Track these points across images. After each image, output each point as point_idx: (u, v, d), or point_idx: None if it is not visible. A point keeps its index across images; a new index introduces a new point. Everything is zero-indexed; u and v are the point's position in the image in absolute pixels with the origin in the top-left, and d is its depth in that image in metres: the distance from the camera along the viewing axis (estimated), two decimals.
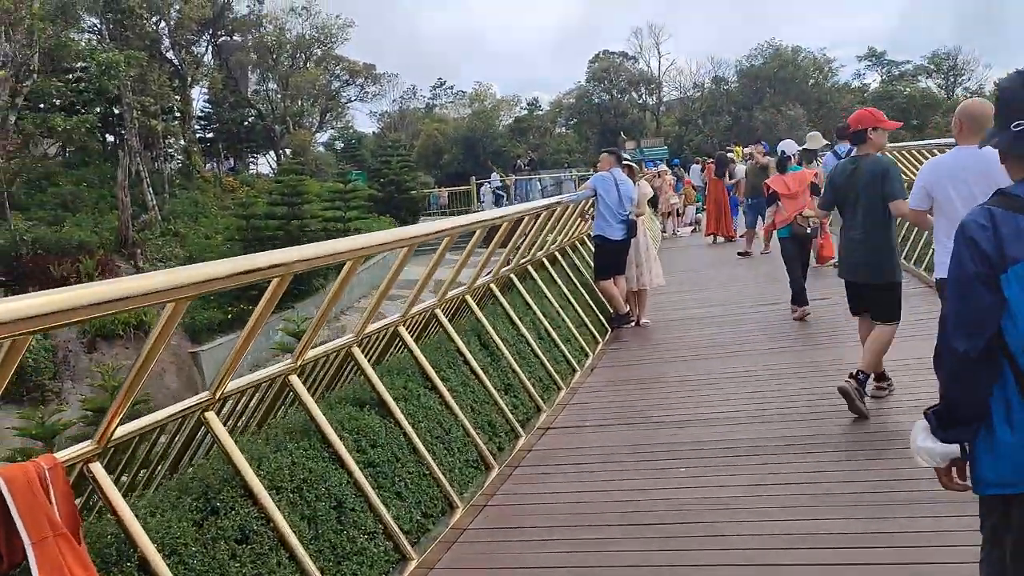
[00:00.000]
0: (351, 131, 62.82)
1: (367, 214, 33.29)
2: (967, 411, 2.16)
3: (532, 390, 6.75)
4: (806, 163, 10.56)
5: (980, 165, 4.12)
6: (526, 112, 62.81)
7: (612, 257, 9.52)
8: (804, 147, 11.40)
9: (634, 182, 9.82)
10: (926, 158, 9.98)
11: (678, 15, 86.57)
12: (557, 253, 9.85)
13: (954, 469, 2.27)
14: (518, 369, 6.73)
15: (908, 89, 54.23)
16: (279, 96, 42.98)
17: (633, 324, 9.77)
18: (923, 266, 9.91)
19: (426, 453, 4.85)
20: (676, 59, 69.99)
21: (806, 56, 54.11)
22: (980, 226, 2.09)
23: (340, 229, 29.60)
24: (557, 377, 7.38)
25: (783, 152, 10.20)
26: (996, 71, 57.59)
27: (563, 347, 7.94)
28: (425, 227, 5.70)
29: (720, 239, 17.27)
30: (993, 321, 2.07)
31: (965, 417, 2.16)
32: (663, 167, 23.81)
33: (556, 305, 8.52)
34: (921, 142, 16.27)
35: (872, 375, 5.73)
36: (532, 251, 8.78)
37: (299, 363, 4.44)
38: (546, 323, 7.94)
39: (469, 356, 6.10)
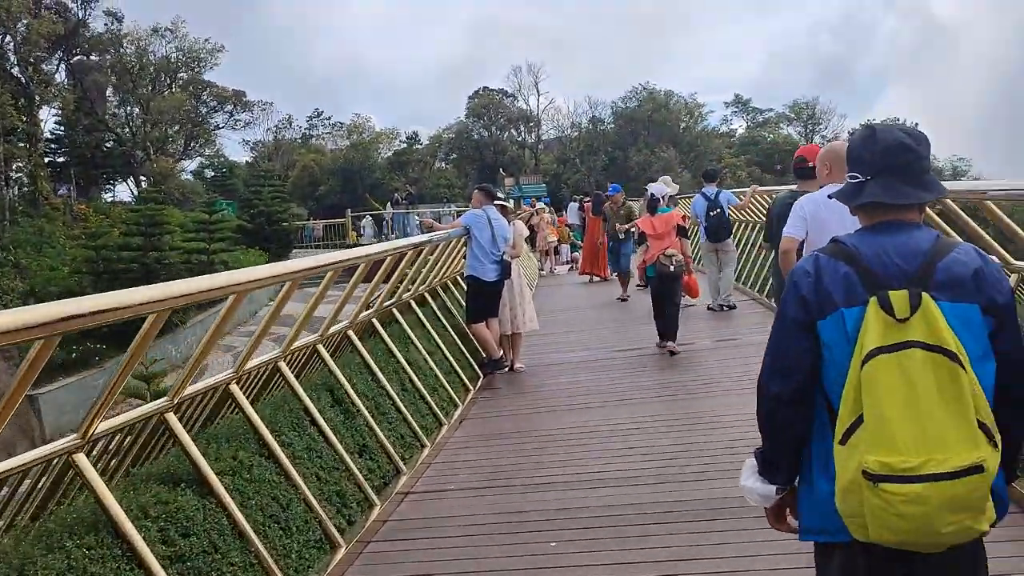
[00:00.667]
0: (222, 159, 60.53)
1: (234, 246, 31.72)
2: (780, 454, 2.23)
3: (391, 450, 6.07)
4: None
5: (839, 207, 4.03)
6: (405, 146, 62.30)
7: (485, 299, 9.02)
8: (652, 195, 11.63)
9: (508, 221, 9.39)
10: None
11: (558, 55, 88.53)
12: (427, 294, 9.25)
13: (788, 510, 2.33)
14: (376, 427, 6.04)
15: (771, 135, 57.15)
16: (140, 120, 40.63)
17: (507, 369, 9.27)
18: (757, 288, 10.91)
19: (255, 537, 4.09)
20: (555, 98, 71.64)
21: (678, 100, 56.30)
22: (804, 272, 2.16)
23: (203, 262, 28.01)
24: (421, 433, 6.73)
25: (652, 194, 10.17)
26: (851, 121, 61.68)
27: (429, 398, 7.31)
28: (307, 261, 5.46)
29: (596, 278, 17.13)
30: (806, 364, 2.12)
31: (778, 460, 2.24)
32: (540, 205, 23.69)
33: (423, 351, 7.90)
34: (789, 186, 16.84)
35: None
36: (398, 294, 8.15)
37: (176, 400, 4.16)
38: (411, 372, 7.30)
39: (317, 415, 5.36)
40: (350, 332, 6.86)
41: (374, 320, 7.47)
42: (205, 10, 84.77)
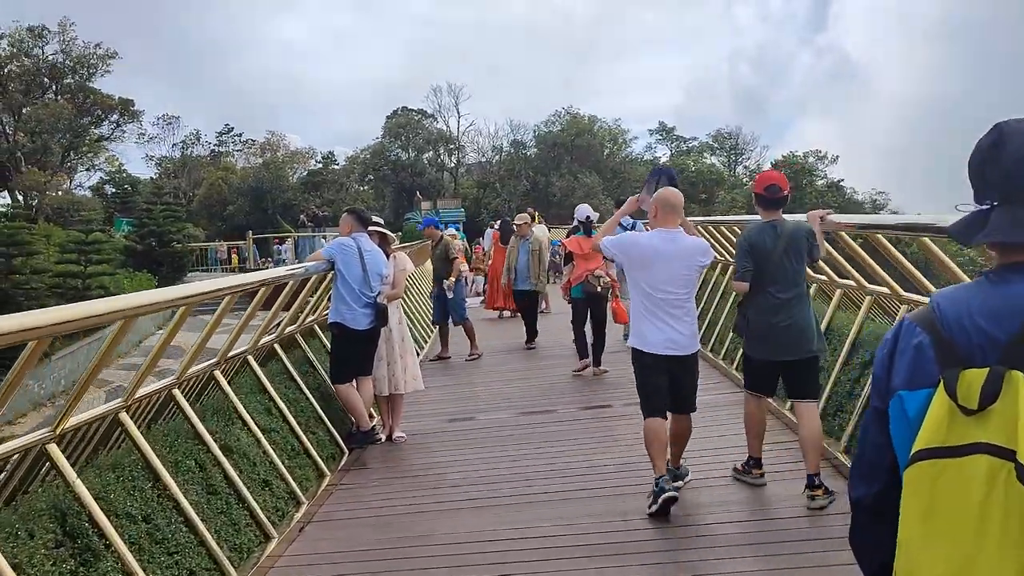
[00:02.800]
0: (124, 175, 56.89)
1: (117, 269, 28.83)
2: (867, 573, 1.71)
3: None
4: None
5: (660, 248, 5.03)
6: (320, 166, 59.74)
7: (354, 353, 7.05)
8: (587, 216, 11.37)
9: (387, 253, 7.45)
10: (734, 233, 9.23)
11: (486, 79, 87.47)
12: (278, 346, 7.17)
13: None
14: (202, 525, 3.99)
15: (695, 164, 56.75)
16: (11, 129, 37.01)
17: (382, 440, 7.29)
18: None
19: None
20: (475, 120, 69.97)
21: (601, 126, 55.39)
22: (884, 342, 1.67)
23: (77, 288, 25.12)
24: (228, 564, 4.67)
25: (588, 216, 9.92)
26: (773, 152, 62.04)
27: (254, 500, 5.21)
28: (189, 288, 5.00)
29: (507, 313, 15.32)
30: (884, 463, 1.61)
31: None
32: (451, 231, 21.80)
33: (256, 429, 5.81)
34: (723, 218, 15.77)
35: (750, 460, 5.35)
36: (229, 345, 6.09)
37: (59, 431, 3.79)
38: (224, 468, 5.23)
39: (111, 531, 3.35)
40: (175, 391, 4.81)
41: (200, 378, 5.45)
42: (118, 20, 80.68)
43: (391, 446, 7.28)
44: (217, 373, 5.76)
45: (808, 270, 5.71)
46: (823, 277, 7.15)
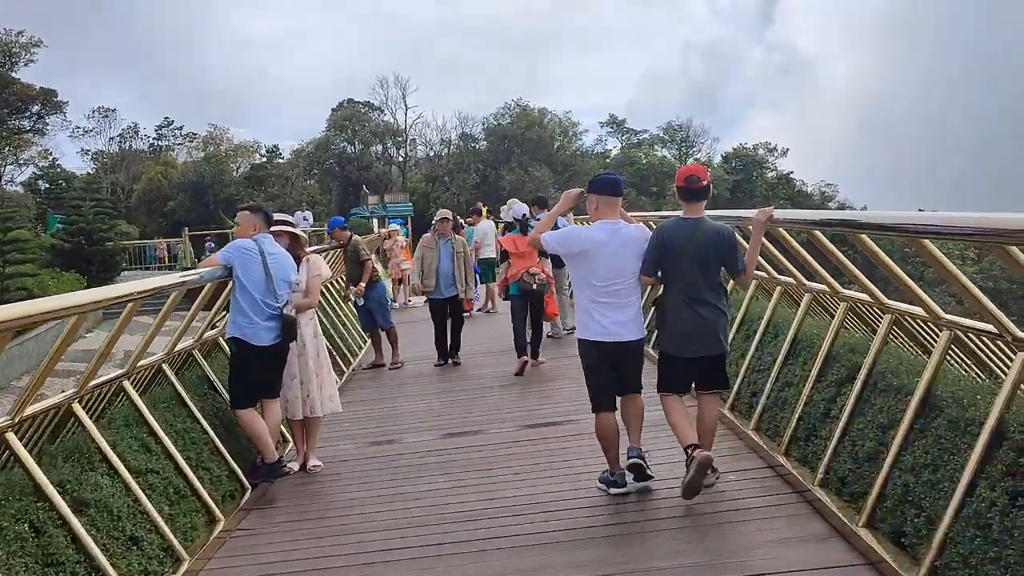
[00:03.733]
0: (57, 170, 54.53)
1: (43, 269, 27.16)
2: None
3: None
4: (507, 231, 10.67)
5: (604, 239, 5.06)
6: (265, 160, 58.05)
7: (257, 372, 6.02)
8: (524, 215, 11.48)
9: (298, 255, 6.44)
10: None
11: (437, 73, 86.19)
12: (166, 365, 6.14)
13: None
14: None
15: (646, 157, 56.37)
16: None
17: (293, 470, 6.33)
18: None
19: None
20: (423, 113, 68.77)
21: (552, 119, 54.66)
22: None
23: None
24: None
25: (524, 214, 10.07)
26: (724, 144, 62.07)
27: (111, 566, 4.20)
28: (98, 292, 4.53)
29: None
30: None
31: None
32: (394, 226, 20.79)
33: (124, 473, 4.79)
34: (656, 213, 15.56)
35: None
36: (99, 368, 5.06)
37: None
38: (73, 529, 4.23)
39: None
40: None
41: (76, 405, 4.43)
42: (52, 11, 77.49)
43: (304, 478, 6.31)
44: (76, 406, 4.74)
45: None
46: (763, 274, 6.94)
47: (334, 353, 9.71)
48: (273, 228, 6.20)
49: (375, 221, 34.51)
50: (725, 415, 6.29)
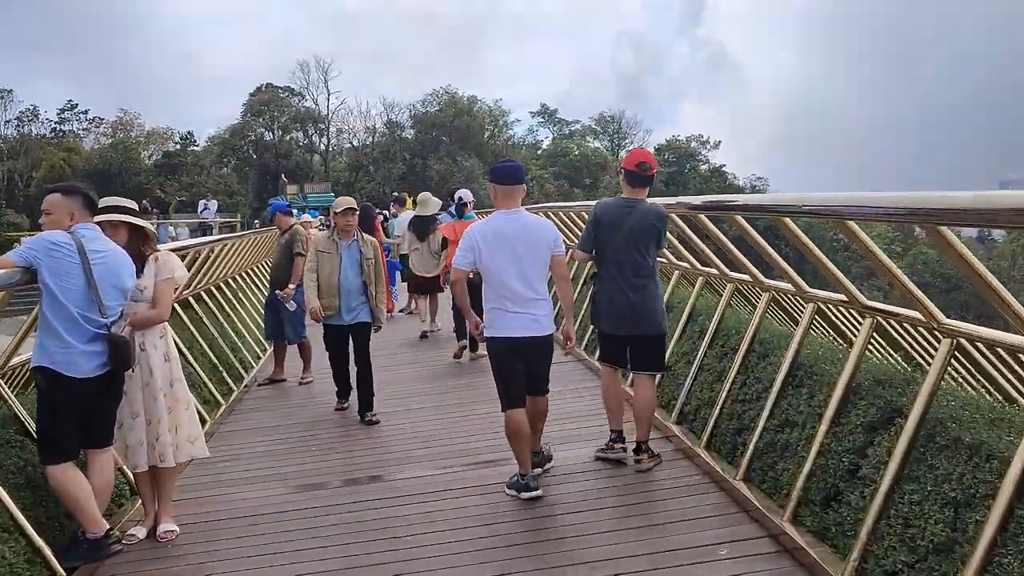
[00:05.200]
0: None
1: None
2: None
3: None
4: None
5: (507, 231, 4.99)
6: (178, 147, 56.25)
7: (74, 413, 4.46)
8: (418, 214, 11.31)
9: (142, 254, 4.85)
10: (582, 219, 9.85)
11: (354, 54, 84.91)
12: None
13: None
14: None
15: (579, 148, 56.59)
16: None
17: (135, 540, 4.84)
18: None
19: None
20: (347, 99, 67.61)
21: (482, 107, 54.39)
22: None
23: None
24: None
25: (460, 198, 10.20)
26: (656, 136, 62.80)
27: None
28: None
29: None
30: None
31: None
32: (306, 217, 19.49)
33: None
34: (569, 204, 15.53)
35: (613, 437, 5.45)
36: None
37: None
38: None
39: None
40: None
41: None
42: None
43: (151, 551, 4.70)
44: None
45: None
46: (663, 261, 7.25)
47: (221, 370, 8.71)
48: (100, 217, 4.72)
49: (295, 212, 33.79)
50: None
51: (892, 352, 5.67)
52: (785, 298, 5.76)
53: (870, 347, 4.64)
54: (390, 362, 9.29)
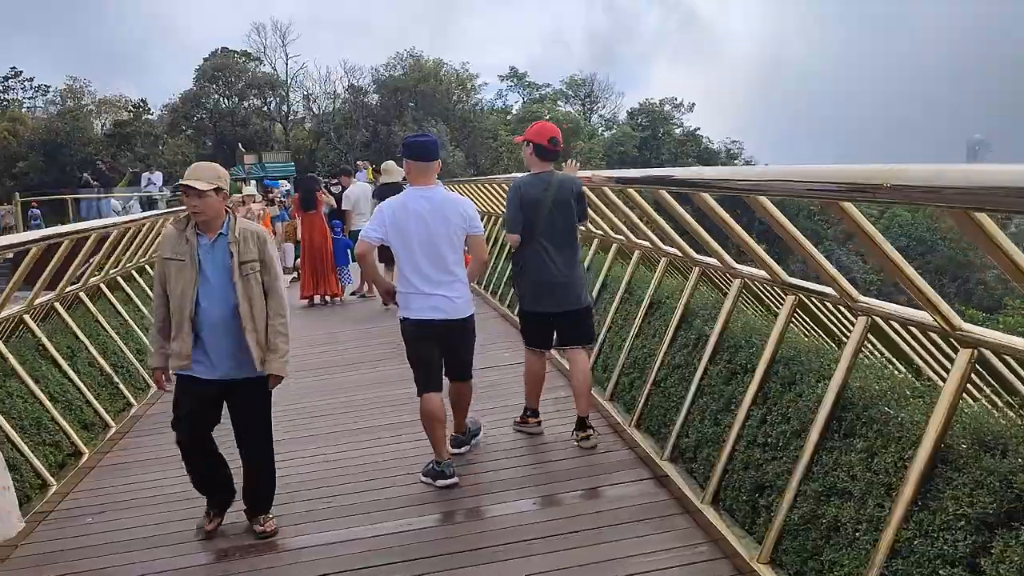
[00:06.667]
0: None
1: None
2: None
3: None
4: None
5: (417, 209, 4.92)
6: (130, 116, 55.22)
7: None
8: (384, 182, 11.25)
9: None
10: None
11: (324, 18, 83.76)
12: None
13: None
14: None
15: (549, 113, 56.29)
16: None
17: None
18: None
19: None
20: (307, 63, 66.67)
21: (448, 70, 53.87)
22: None
23: None
24: None
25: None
26: (628, 99, 62.62)
27: None
28: None
29: (322, 299, 12.50)
30: None
31: None
32: (250, 190, 18.09)
33: None
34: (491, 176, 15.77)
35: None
36: None
37: None
38: None
39: None
40: None
41: None
42: None
43: None
44: None
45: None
46: (600, 232, 7.43)
47: (117, 381, 7.33)
48: None
49: (252, 183, 33.07)
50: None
51: (815, 328, 5.79)
52: (716, 275, 5.78)
53: (794, 323, 4.71)
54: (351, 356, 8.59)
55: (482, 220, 11.55)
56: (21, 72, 59.40)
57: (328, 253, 12.50)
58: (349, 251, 12.68)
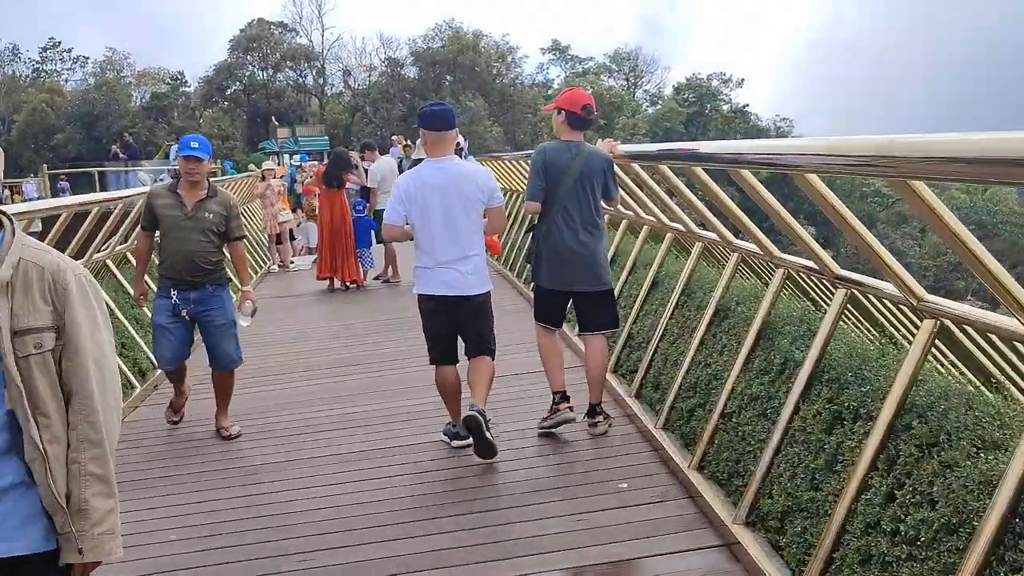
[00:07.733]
0: None
1: None
2: None
3: None
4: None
5: (437, 182, 4.86)
6: (168, 88, 56.14)
7: None
8: (416, 157, 11.07)
9: None
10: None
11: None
12: None
13: None
14: None
15: (593, 87, 55.99)
16: None
17: None
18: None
19: None
20: (343, 35, 66.95)
21: (488, 42, 53.81)
22: None
23: None
24: None
25: (457, 144, 9.90)
26: (675, 74, 62.00)
27: None
28: None
29: (342, 284, 11.97)
30: None
31: None
32: (268, 164, 16.76)
33: None
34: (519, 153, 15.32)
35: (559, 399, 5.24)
36: None
37: None
38: None
39: None
40: None
41: None
42: None
43: None
44: None
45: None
46: (630, 213, 7.06)
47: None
48: None
49: (285, 157, 33.19)
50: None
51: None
52: (713, 248, 5.74)
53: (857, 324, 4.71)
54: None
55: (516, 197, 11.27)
56: (60, 43, 60.68)
57: (348, 234, 11.93)
58: (373, 232, 12.18)
